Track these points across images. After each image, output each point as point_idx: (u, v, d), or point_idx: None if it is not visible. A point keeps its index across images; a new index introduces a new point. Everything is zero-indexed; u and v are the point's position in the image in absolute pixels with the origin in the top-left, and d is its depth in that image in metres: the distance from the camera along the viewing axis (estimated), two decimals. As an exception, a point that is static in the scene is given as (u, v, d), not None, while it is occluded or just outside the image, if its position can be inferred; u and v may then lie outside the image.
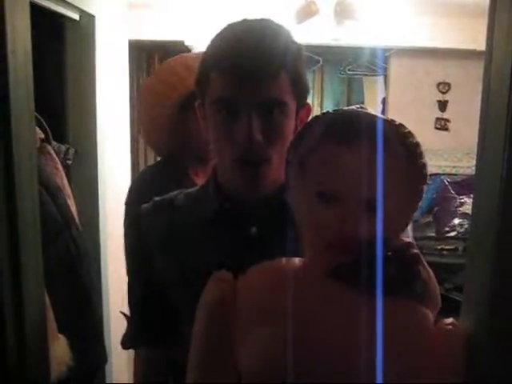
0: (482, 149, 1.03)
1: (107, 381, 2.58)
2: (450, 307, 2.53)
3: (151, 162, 4.74)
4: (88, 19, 2.35)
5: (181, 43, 3.62)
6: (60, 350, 1.78)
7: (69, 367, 1.80)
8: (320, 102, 8.40)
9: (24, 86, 0.86)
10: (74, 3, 2.16)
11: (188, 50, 3.66)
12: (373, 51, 4.60)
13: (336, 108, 1.00)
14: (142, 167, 4.44)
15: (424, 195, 3.49)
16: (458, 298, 2.44)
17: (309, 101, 1.46)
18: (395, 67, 4.63)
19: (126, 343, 1.45)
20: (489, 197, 1.02)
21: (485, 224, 1.06)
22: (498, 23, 0.99)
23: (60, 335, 1.79)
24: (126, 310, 2.08)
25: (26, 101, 0.88)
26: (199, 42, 3.56)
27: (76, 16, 2.29)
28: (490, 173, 1.01)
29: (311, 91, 7.88)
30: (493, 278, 1.03)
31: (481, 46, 3.20)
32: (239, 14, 3.57)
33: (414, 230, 4.06)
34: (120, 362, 2.94)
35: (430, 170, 3.89)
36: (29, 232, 0.92)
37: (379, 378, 0.88)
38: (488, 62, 1.01)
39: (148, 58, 4.58)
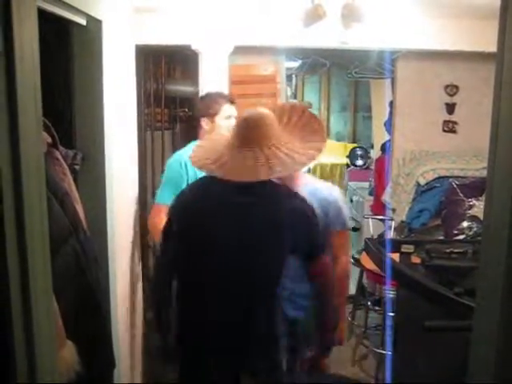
0: (493, 152, 1.02)
1: (115, 386, 2.58)
2: (460, 311, 2.50)
3: (158, 167, 4.75)
4: (95, 24, 2.35)
5: (188, 47, 3.63)
6: (68, 355, 1.78)
7: (77, 373, 1.79)
8: (327, 105, 8.41)
9: (32, 93, 0.86)
10: (81, 8, 2.16)
11: (195, 54, 3.67)
12: (380, 54, 4.59)
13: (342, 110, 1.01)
14: (149, 172, 4.44)
15: (432, 198, 3.49)
16: (468, 303, 2.41)
17: (316, 104, 1.58)
18: (402, 70, 4.61)
19: None
20: (501, 200, 1.01)
21: (497, 227, 1.04)
22: (510, 25, 0.98)
23: (68, 341, 1.79)
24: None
25: (34, 107, 0.88)
26: (206, 46, 3.57)
27: (83, 21, 2.29)
28: (503, 176, 1.00)
29: (318, 94, 7.89)
30: (506, 278, 1.02)
31: (489, 48, 3.20)
32: (246, 18, 3.60)
33: (423, 233, 4.04)
34: (128, 367, 2.94)
35: (438, 172, 3.89)
36: (37, 237, 0.92)
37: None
38: (500, 64, 1.00)
39: (155, 62, 4.58)
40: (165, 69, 4.65)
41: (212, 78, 3.61)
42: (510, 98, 0.99)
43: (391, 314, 3.41)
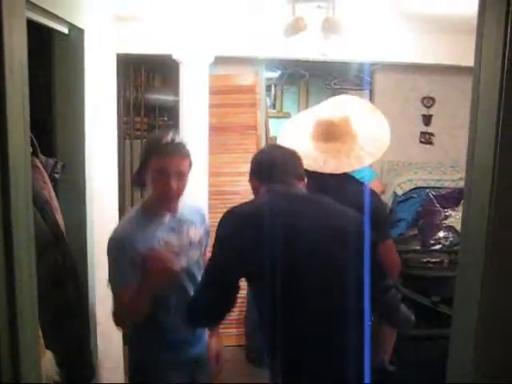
0: (471, 166, 1.05)
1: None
2: (436, 320, 2.54)
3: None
4: (77, 33, 2.36)
5: (169, 57, 3.64)
6: (47, 365, 1.76)
7: (56, 382, 1.78)
8: (305, 116, 8.44)
9: (20, 103, 0.86)
10: (63, 17, 2.17)
11: (175, 63, 3.68)
12: (359, 66, 4.65)
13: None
14: (128, 181, 4.44)
15: (409, 208, 3.53)
16: (444, 311, 2.45)
17: (295, 114, 1.72)
18: (380, 82, 4.69)
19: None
20: (478, 213, 1.04)
21: (474, 238, 1.07)
22: (486, 40, 1.02)
23: (47, 350, 1.78)
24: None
25: (22, 117, 0.88)
26: (187, 55, 3.59)
27: (65, 30, 2.29)
28: (479, 189, 1.03)
29: (297, 105, 7.94)
30: (483, 289, 1.05)
31: (465, 61, 3.25)
32: (227, 29, 3.61)
33: (400, 242, 4.09)
34: (107, 376, 2.92)
35: (415, 183, 3.96)
36: (23, 245, 0.92)
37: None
38: (477, 78, 1.03)
39: (134, 70, 4.59)
40: (144, 77, 4.66)
41: (192, 88, 3.62)
42: (487, 111, 1.03)
43: (369, 323, 3.43)
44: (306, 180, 2.00)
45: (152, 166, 1.95)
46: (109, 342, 3.01)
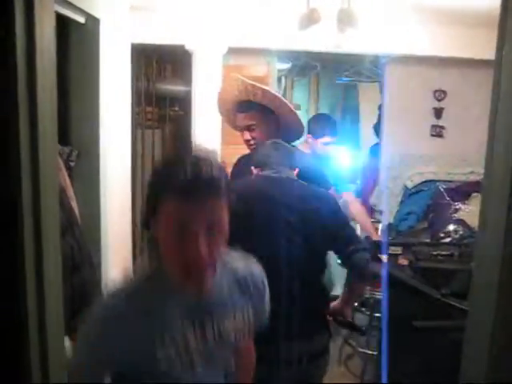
0: (490, 161, 1.05)
1: None
2: (446, 312, 2.55)
3: (149, 164, 4.79)
4: (93, 22, 2.37)
5: (179, 47, 3.64)
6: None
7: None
8: (316, 108, 8.45)
9: (49, 89, 0.88)
10: (80, 7, 2.18)
11: (186, 53, 3.68)
12: (370, 58, 4.64)
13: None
14: (138, 170, 4.46)
15: (420, 201, 3.58)
16: (454, 304, 2.46)
17: (305, 106, 1.82)
18: (392, 74, 4.66)
19: None
20: (497, 203, 1.04)
21: (492, 236, 1.08)
22: (509, 34, 1.02)
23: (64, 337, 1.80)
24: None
25: (50, 103, 0.90)
26: (201, 46, 3.59)
27: (82, 19, 2.31)
28: (499, 183, 1.03)
29: (307, 96, 7.95)
30: (500, 288, 1.06)
31: (478, 54, 3.24)
32: (241, 20, 3.60)
33: (410, 235, 4.10)
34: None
35: (426, 176, 3.95)
36: (50, 227, 0.95)
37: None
38: (498, 69, 1.04)
39: (146, 61, 4.60)
40: (156, 68, 4.67)
41: (205, 78, 3.64)
42: (508, 103, 1.03)
43: (377, 315, 3.46)
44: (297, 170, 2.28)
45: (165, 213, 1.14)
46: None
